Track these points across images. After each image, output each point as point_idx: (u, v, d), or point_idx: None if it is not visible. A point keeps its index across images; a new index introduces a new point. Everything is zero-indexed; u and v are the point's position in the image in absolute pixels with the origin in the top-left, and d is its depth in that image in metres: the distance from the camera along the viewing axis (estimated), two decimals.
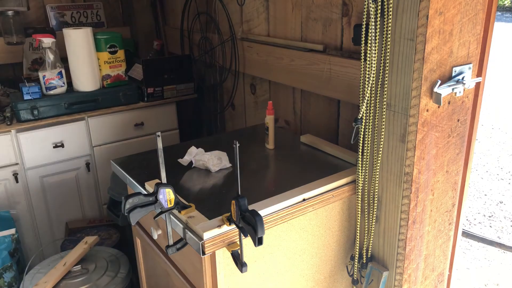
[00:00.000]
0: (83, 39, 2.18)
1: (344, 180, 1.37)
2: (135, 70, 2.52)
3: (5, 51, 2.47)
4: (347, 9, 1.54)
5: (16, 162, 2.15)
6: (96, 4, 2.77)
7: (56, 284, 1.72)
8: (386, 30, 1.15)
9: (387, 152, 1.26)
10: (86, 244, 1.89)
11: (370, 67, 1.20)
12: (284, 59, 1.83)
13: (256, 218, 0.99)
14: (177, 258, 1.34)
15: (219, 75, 2.38)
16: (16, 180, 2.16)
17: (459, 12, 1.12)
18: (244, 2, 2.04)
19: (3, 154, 2.10)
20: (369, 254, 1.40)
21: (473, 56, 1.20)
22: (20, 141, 2.12)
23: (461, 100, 1.23)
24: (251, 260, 1.22)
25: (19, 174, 2.16)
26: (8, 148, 2.11)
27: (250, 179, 1.41)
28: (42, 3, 2.62)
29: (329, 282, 1.47)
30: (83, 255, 1.85)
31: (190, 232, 1.13)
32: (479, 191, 3.72)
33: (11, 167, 2.14)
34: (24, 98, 2.12)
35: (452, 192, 1.35)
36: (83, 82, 2.25)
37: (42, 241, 2.31)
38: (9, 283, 1.96)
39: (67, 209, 2.35)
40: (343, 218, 1.42)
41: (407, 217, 1.25)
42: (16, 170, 2.15)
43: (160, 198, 1.10)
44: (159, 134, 1.09)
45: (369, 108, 1.26)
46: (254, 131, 1.88)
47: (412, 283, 1.37)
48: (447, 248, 1.44)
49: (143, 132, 2.45)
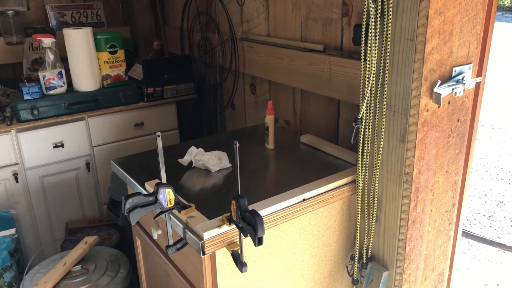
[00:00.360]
0: (83, 39, 2.18)
1: (344, 180, 1.37)
2: (135, 70, 2.52)
3: (5, 51, 2.47)
4: (347, 9, 1.54)
5: (16, 162, 2.15)
6: (96, 4, 2.77)
7: (56, 284, 1.72)
8: (386, 30, 1.15)
9: (387, 152, 1.26)
10: (86, 244, 1.89)
11: (370, 67, 1.20)
12: (284, 59, 1.83)
13: (256, 218, 0.99)
14: (177, 258, 1.34)
15: (219, 75, 2.38)
16: (16, 180, 2.16)
17: (459, 12, 1.12)
18: (244, 2, 2.04)
19: (3, 154, 2.10)
20: (369, 254, 1.40)
21: (473, 56, 1.20)
22: (20, 141, 2.12)
23: (461, 100, 1.23)
24: (251, 260, 1.22)
25: (19, 174, 2.16)
26: (8, 148, 2.11)
27: (250, 179, 1.41)
28: (42, 3, 2.62)
29: (329, 282, 1.47)
30: (83, 255, 1.85)
31: (190, 232, 1.13)
32: (479, 191, 3.72)
33: (11, 167, 2.14)
34: (24, 98, 2.12)
35: (452, 192, 1.35)
36: (83, 82, 2.25)
37: (42, 241, 2.31)
38: (9, 283, 1.96)
39: (67, 209, 2.35)
40: (343, 218, 1.42)
41: (407, 217, 1.25)
42: (16, 170, 2.15)
43: (160, 198, 1.10)
44: (159, 134, 1.09)
45: (369, 108, 1.26)
46: (254, 131, 1.88)
47: (412, 283, 1.37)
48: (447, 248, 1.44)
49: (143, 132, 2.45)
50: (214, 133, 2.63)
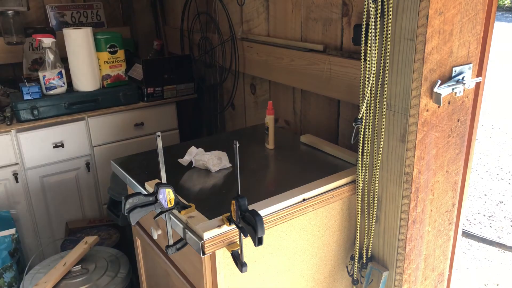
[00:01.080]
0: (83, 39, 2.19)
1: (344, 180, 1.37)
2: (135, 70, 2.52)
3: (5, 51, 2.47)
4: (347, 9, 1.54)
5: (16, 162, 2.15)
6: (96, 4, 2.77)
7: (56, 284, 1.72)
8: (386, 30, 1.15)
9: (387, 152, 1.26)
10: (86, 244, 1.89)
11: (370, 67, 1.20)
12: (284, 59, 1.83)
13: (256, 218, 0.99)
14: (177, 258, 1.34)
15: (219, 75, 2.38)
16: (16, 180, 2.16)
17: (459, 12, 1.12)
18: (244, 2, 2.04)
19: (3, 154, 2.10)
20: (369, 254, 1.40)
21: (473, 56, 1.20)
22: (20, 141, 2.12)
23: (461, 100, 1.23)
24: (251, 260, 1.22)
25: (19, 174, 2.16)
26: (8, 148, 2.11)
27: (250, 179, 1.41)
28: (42, 3, 2.62)
29: (329, 282, 1.47)
30: (83, 255, 1.85)
31: (190, 232, 1.13)
32: (479, 191, 3.72)
33: (11, 167, 2.14)
34: (24, 98, 2.12)
35: (452, 192, 1.35)
36: (83, 82, 2.25)
37: (42, 241, 2.31)
38: (9, 283, 1.96)
39: (67, 209, 2.35)
40: (343, 218, 1.42)
41: (407, 217, 1.25)
42: (16, 170, 2.15)
43: (160, 198, 1.10)
44: (159, 134, 1.09)
45: (369, 108, 1.26)
46: (254, 131, 1.88)
47: (412, 283, 1.37)
48: (447, 248, 1.44)
49: (143, 132, 2.45)
50: (214, 133, 2.63)
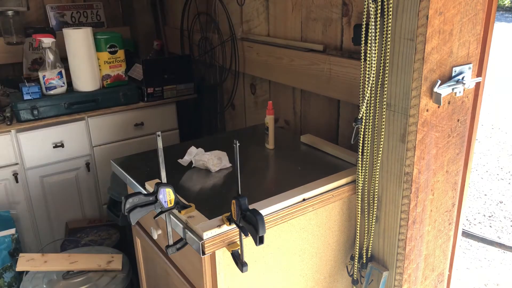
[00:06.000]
0: (83, 39, 2.18)
1: (344, 180, 1.37)
2: (135, 70, 2.52)
3: (5, 51, 2.47)
4: (347, 9, 1.54)
5: (16, 162, 2.15)
6: (96, 4, 2.77)
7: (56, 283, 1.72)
8: (386, 30, 1.15)
9: (387, 152, 1.26)
10: (99, 266, 1.82)
11: (370, 67, 1.20)
12: (284, 59, 1.83)
13: (257, 217, 0.99)
14: (177, 258, 1.34)
15: (219, 75, 2.38)
16: (16, 180, 2.16)
17: (459, 12, 1.12)
18: (244, 2, 2.04)
19: (3, 154, 2.10)
20: (369, 254, 1.40)
21: (473, 56, 1.20)
22: (20, 141, 2.12)
23: (461, 100, 1.23)
24: (251, 260, 1.22)
25: (19, 174, 2.16)
26: (8, 148, 2.11)
27: (250, 179, 1.41)
28: (42, 3, 2.62)
29: (329, 282, 1.47)
30: (88, 270, 1.80)
31: (190, 232, 1.13)
32: (479, 191, 3.72)
33: (11, 167, 2.14)
34: (24, 98, 2.12)
35: (452, 192, 1.35)
36: (83, 82, 2.25)
37: (42, 241, 2.31)
38: (9, 283, 1.96)
39: (67, 209, 2.35)
40: (343, 218, 1.42)
41: (407, 217, 1.25)
42: (16, 170, 2.15)
43: (160, 198, 1.10)
44: (159, 133, 1.09)
45: (369, 108, 1.26)
46: (254, 131, 1.88)
47: (412, 283, 1.37)
48: (447, 248, 1.44)
49: (143, 132, 2.45)
50: (214, 133, 2.63)
